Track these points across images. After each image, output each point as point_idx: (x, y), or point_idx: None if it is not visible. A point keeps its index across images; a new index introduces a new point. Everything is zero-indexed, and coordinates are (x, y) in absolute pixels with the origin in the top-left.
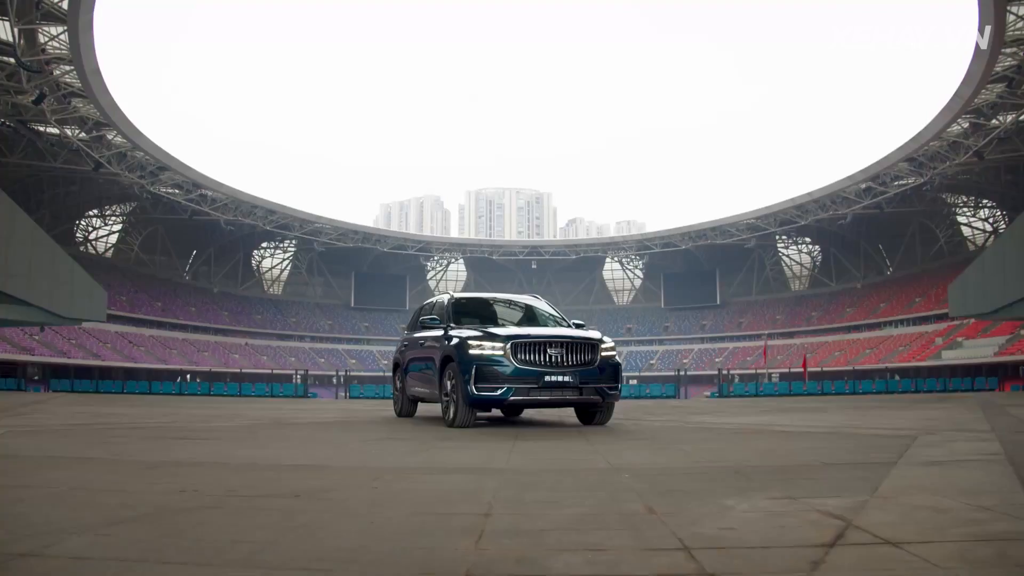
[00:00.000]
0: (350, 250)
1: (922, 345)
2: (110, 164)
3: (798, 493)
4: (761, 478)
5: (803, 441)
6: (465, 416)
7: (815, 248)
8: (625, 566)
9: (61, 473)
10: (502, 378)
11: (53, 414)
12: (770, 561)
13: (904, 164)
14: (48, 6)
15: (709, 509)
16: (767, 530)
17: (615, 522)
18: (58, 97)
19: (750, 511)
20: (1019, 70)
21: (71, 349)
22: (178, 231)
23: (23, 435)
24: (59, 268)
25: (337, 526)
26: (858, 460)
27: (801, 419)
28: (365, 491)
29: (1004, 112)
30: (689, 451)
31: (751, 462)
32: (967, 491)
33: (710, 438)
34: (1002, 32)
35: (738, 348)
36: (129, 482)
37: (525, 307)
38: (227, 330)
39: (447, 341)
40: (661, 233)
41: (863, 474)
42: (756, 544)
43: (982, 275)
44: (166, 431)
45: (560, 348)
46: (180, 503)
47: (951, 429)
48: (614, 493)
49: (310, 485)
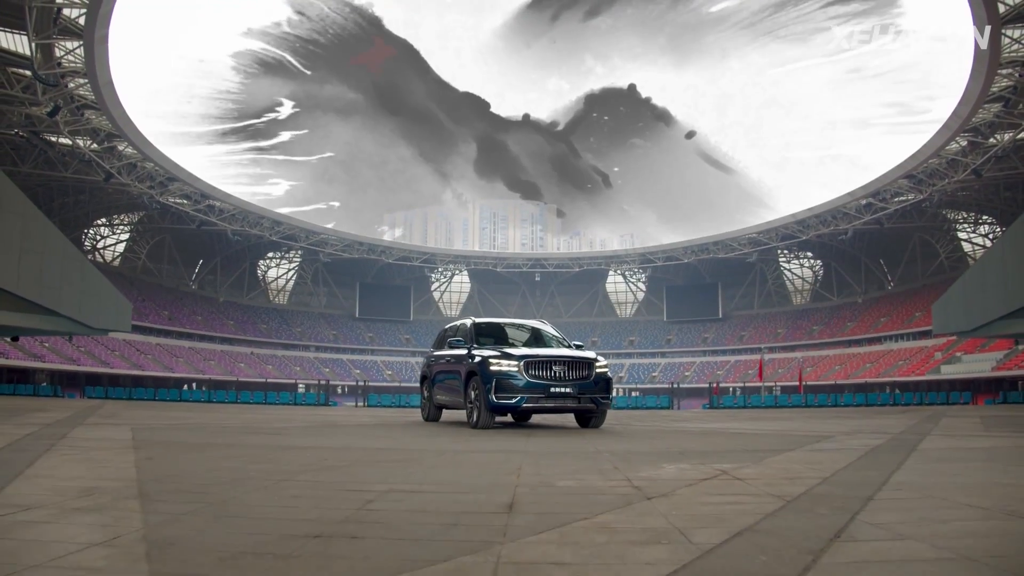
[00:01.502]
0: (355, 261)
1: (922, 360)
2: (120, 175)
3: (708, 462)
4: (693, 456)
5: (744, 438)
6: (487, 419)
7: (817, 263)
8: (594, 484)
9: (266, 465)
10: (516, 389)
11: (141, 419)
12: (671, 484)
13: (904, 181)
14: (66, 21)
15: (649, 468)
16: (677, 474)
17: (593, 471)
18: (71, 109)
19: (673, 468)
20: (1015, 90)
21: (80, 356)
22: (185, 241)
23: (187, 432)
24: (88, 280)
25: (436, 473)
26: (770, 448)
27: (760, 425)
28: (441, 458)
29: (1002, 131)
30: (654, 442)
31: (693, 448)
32: (813, 463)
33: (674, 436)
34: (998, 54)
35: (739, 361)
36: (286, 457)
37: (533, 330)
38: (233, 339)
39: (471, 359)
40: (664, 247)
41: (762, 455)
42: (667, 479)
43: (964, 294)
44: (256, 430)
45: (563, 365)
46: (331, 464)
47: (866, 432)
48: (596, 461)
49: (403, 456)
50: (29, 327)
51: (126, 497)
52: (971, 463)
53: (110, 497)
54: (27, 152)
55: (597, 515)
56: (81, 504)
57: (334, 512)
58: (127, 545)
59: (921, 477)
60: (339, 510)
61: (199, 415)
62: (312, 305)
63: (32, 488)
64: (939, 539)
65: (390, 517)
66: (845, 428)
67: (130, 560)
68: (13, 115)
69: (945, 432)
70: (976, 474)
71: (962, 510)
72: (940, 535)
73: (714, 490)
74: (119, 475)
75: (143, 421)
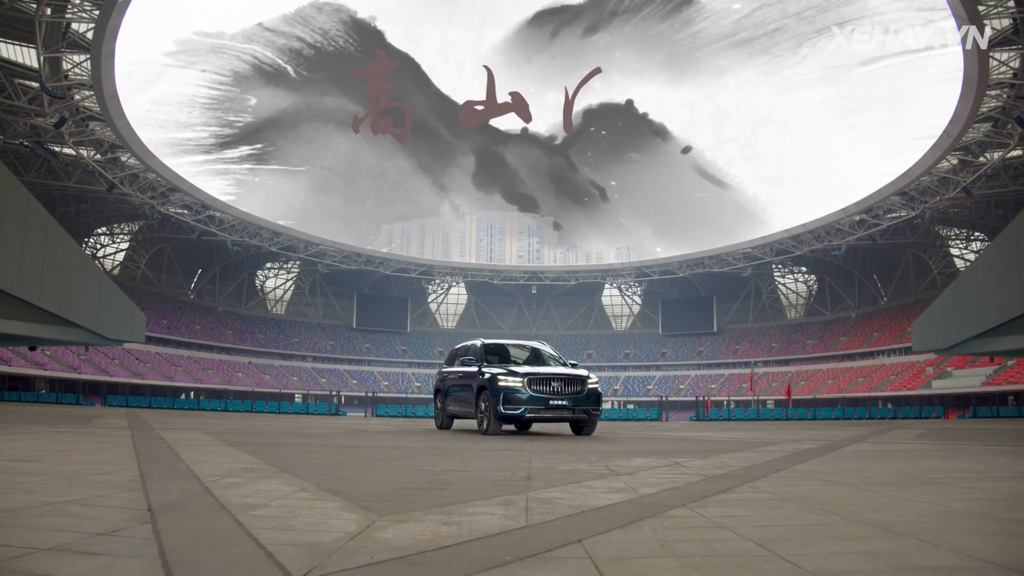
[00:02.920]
0: (353, 271)
1: (913, 374)
2: (123, 185)
3: (668, 457)
4: (658, 454)
5: (706, 444)
6: (495, 427)
7: (811, 277)
8: (582, 468)
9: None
10: (521, 402)
11: (197, 426)
12: (635, 468)
13: (896, 198)
14: (74, 36)
15: (623, 460)
16: (642, 464)
17: (582, 462)
18: (76, 120)
19: (640, 461)
20: (1004, 111)
21: (81, 365)
22: (184, 250)
23: (254, 435)
24: (105, 293)
25: (472, 462)
26: (722, 450)
27: (729, 435)
28: (469, 453)
29: (991, 150)
30: (632, 445)
31: (661, 449)
32: (745, 459)
33: (651, 441)
34: (986, 76)
35: (734, 375)
36: (353, 452)
37: (533, 349)
38: (231, 348)
39: (481, 375)
40: (660, 261)
41: (710, 454)
42: (634, 466)
43: (941, 313)
44: (305, 434)
45: (560, 382)
46: (394, 456)
47: (812, 440)
48: (585, 456)
49: (441, 452)
50: (49, 337)
51: (277, 472)
52: (866, 461)
53: (268, 471)
54: (31, 162)
55: (583, 482)
56: (257, 474)
57: (419, 480)
58: (315, 489)
59: (814, 467)
60: (421, 479)
61: (233, 423)
62: (310, 315)
63: (210, 468)
64: (784, 494)
65: (456, 482)
66: (798, 437)
67: (326, 495)
68: (18, 125)
69: (876, 441)
70: (856, 466)
71: (815, 484)
72: (785, 493)
73: (663, 472)
74: (254, 461)
75: (205, 428)
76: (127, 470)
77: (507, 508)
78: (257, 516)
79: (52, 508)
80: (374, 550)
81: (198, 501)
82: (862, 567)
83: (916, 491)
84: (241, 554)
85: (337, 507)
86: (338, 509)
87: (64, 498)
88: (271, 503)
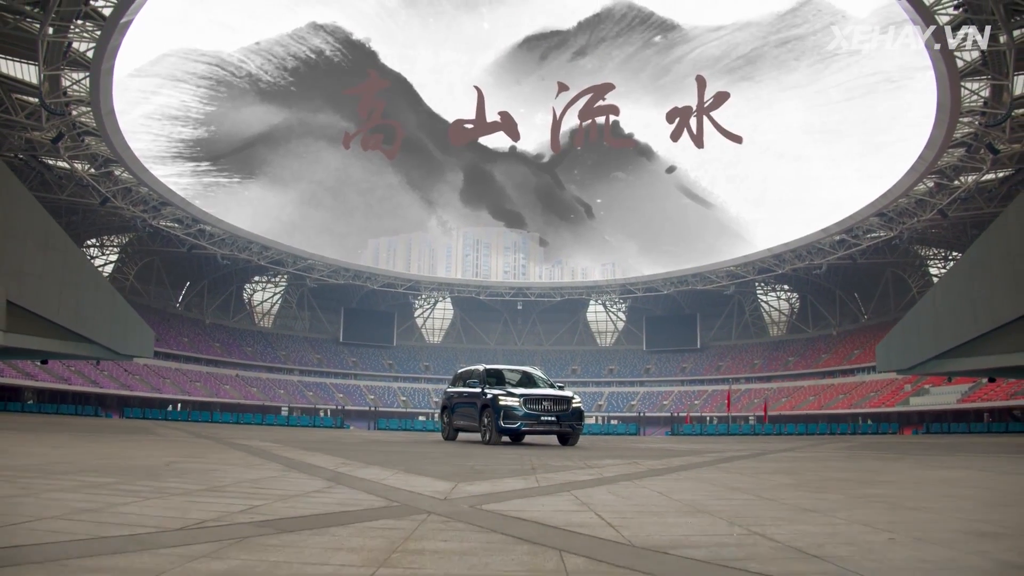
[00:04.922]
0: (340, 286)
1: (892, 391)
2: (115, 198)
3: (630, 459)
4: (624, 457)
5: (664, 452)
6: (495, 438)
7: (793, 295)
8: (568, 464)
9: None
10: (517, 417)
11: (247, 438)
12: (605, 464)
13: (875, 218)
14: (75, 55)
15: (597, 460)
16: (611, 463)
17: (569, 461)
18: (72, 135)
19: (610, 461)
20: (976, 137)
21: (71, 376)
22: (173, 263)
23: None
24: (117, 310)
25: (488, 461)
26: (674, 456)
27: (689, 446)
28: (482, 456)
29: (965, 173)
30: (606, 452)
31: (627, 455)
32: (685, 461)
33: (622, 450)
34: (958, 104)
35: (716, 391)
36: (400, 454)
37: (526, 373)
38: (218, 361)
39: (484, 395)
40: (644, 278)
41: (662, 458)
42: (604, 463)
43: (902, 335)
44: (341, 443)
45: (549, 401)
46: (433, 456)
47: (745, 450)
48: (570, 457)
49: (462, 455)
50: (64, 352)
51: (366, 465)
52: (767, 463)
53: (360, 464)
54: (24, 174)
55: (568, 470)
56: (356, 465)
57: (463, 469)
58: (403, 473)
59: (717, 468)
60: (463, 468)
61: (261, 434)
62: (297, 329)
63: (322, 462)
64: (691, 476)
65: (487, 469)
66: (739, 448)
67: (414, 475)
68: (14, 139)
69: (797, 451)
70: (752, 470)
71: (709, 474)
72: (694, 476)
73: (625, 467)
74: (341, 459)
75: (262, 438)
76: (268, 463)
77: (525, 479)
78: (386, 484)
79: (252, 484)
80: (467, 493)
81: (344, 479)
82: (683, 511)
83: (756, 487)
84: (397, 496)
85: (429, 480)
86: (431, 480)
87: (251, 477)
88: (389, 478)
